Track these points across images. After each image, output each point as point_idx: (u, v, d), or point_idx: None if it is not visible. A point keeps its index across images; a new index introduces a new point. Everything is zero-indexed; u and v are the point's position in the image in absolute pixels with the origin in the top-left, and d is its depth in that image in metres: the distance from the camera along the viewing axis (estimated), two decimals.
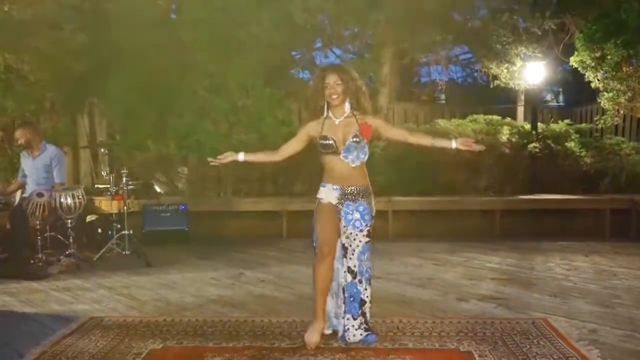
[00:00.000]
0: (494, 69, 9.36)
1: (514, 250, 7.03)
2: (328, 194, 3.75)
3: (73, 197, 6.21)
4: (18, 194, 6.89)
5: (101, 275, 5.94)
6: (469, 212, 8.13)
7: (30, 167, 6.59)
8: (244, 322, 4.27)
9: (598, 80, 8.26)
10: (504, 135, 8.84)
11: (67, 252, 6.26)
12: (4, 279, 5.73)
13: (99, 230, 7.29)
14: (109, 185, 6.94)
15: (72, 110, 9.12)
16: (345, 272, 3.75)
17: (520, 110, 10.25)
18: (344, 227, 3.72)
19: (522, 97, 10.13)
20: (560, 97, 13.60)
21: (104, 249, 6.57)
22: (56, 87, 8.60)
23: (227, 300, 4.97)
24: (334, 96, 3.66)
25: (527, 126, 9.35)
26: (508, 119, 9.42)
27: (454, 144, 3.78)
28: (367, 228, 3.75)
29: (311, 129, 3.78)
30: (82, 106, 9.28)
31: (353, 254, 3.72)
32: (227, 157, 3.87)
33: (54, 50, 7.73)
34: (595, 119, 9.28)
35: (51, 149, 6.66)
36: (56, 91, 8.66)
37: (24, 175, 6.68)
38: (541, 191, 8.56)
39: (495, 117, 9.31)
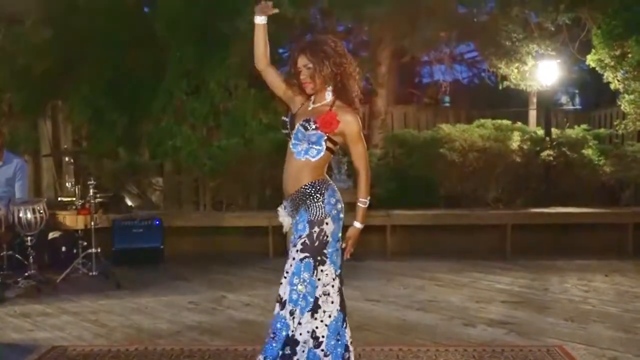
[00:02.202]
0: (503, 68, 9.40)
1: (527, 269, 7.04)
2: (284, 218, 3.38)
3: (33, 211, 6.16)
4: None
5: (65, 299, 5.89)
6: (477, 227, 8.15)
7: None
8: (226, 352, 4.25)
9: (618, 81, 8.31)
10: (515, 141, 8.87)
11: (26, 274, 6.21)
12: None
13: (63, 249, 7.24)
14: (74, 198, 6.91)
15: (33, 114, 9.09)
16: (275, 300, 3.29)
17: (533, 114, 10.29)
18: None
19: (535, 100, 10.18)
20: (577, 100, 13.68)
21: (68, 270, 6.52)
22: (15, 87, 8.58)
23: (206, 326, 4.95)
24: (305, 83, 3.24)
25: (540, 132, 9.40)
26: (519, 124, 9.46)
27: (358, 225, 3.36)
28: (301, 240, 3.19)
29: (293, 98, 3.39)
30: (45, 109, 9.26)
31: (285, 278, 3.22)
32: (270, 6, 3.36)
33: (12, 47, 7.71)
34: (615, 123, 9.33)
35: (15, 160, 6.65)
36: (15, 92, 8.64)
37: None
38: (556, 204, 8.59)
39: (505, 122, 9.35)
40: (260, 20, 3.37)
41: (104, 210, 7.30)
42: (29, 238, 6.19)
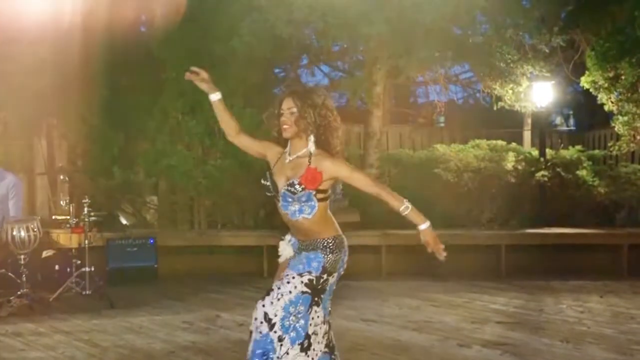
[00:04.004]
0: (497, 89, 9.47)
1: (522, 290, 7.04)
2: (285, 248, 3.39)
3: (27, 229, 6.15)
4: None
5: (58, 318, 5.86)
6: (471, 247, 8.15)
7: None
8: None
9: (612, 102, 8.39)
10: (510, 162, 8.92)
11: (19, 292, 6.16)
12: None
13: (56, 267, 7.20)
14: (68, 217, 6.88)
15: (28, 132, 9.09)
16: (261, 320, 3.15)
17: (527, 135, 10.36)
18: (286, 269, 3.27)
19: (529, 121, 10.25)
20: (571, 121, 13.77)
21: (61, 289, 6.49)
22: (10, 106, 8.58)
23: (201, 346, 4.93)
24: (285, 126, 3.19)
25: (535, 152, 9.45)
26: (514, 145, 9.52)
27: (423, 226, 3.40)
28: (310, 276, 3.17)
29: (270, 151, 3.35)
30: (40, 128, 9.26)
31: (278, 300, 3.14)
32: (204, 77, 3.40)
33: (8, 66, 7.73)
34: (609, 145, 9.40)
35: (10, 178, 6.63)
36: (10, 110, 8.64)
37: None
38: (551, 224, 8.62)
39: (500, 143, 9.41)
40: (213, 97, 3.44)
41: (98, 229, 7.27)
42: (22, 256, 6.16)
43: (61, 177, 8.13)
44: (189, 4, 8.89)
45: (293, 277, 3.16)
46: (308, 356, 3.16)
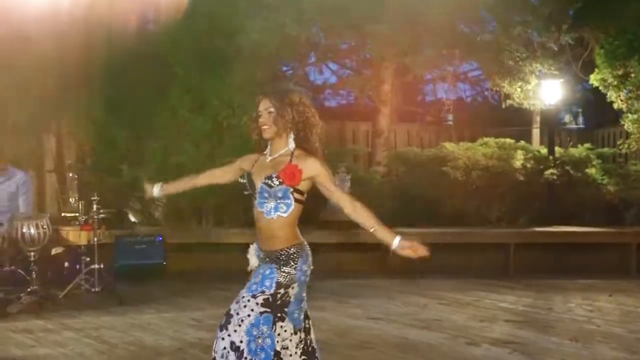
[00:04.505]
0: (506, 87, 9.45)
1: (530, 288, 7.03)
2: (252, 257, 3.32)
3: (37, 227, 6.18)
4: None
5: (67, 315, 5.89)
6: (480, 245, 8.14)
7: None
8: None
9: (621, 100, 8.36)
10: (518, 160, 8.89)
11: (28, 289, 6.20)
12: None
13: (66, 264, 7.23)
14: (77, 214, 6.92)
15: (37, 130, 9.13)
16: (227, 349, 3.07)
17: (536, 133, 10.33)
18: (242, 290, 3.18)
19: (538, 119, 10.21)
20: (580, 119, 13.72)
21: (70, 285, 6.52)
22: (19, 103, 8.62)
23: (209, 343, 4.90)
24: (264, 126, 3.16)
25: (544, 151, 9.42)
26: (522, 143, 9.50)
27: (396, 242, 3.29)
28: (264, 296, 3.10)
29: (246, 161, 3.32)
30: (49, 125, 9.29)
31: (240, 326, 3.07)
32: (146, 192, 3.61)
33: (17, 63, 7.76)
34: (618, 143, 9.36)
35: (20, 175, 6.67)
36: (19, 108, 8.67)
37: None
38: (559, 223, 8.59)
39: (508, 141, 9.38)
40: (157, 191, 3.68)
41: (106, 226, 7.30)
42: (32, 253, 6.20)
43: (70, 174, 8.19)
44: (196, 1, 8.91)
45: (248, 300, 3.10)
46: None
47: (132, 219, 8.78)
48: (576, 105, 12.71)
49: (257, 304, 3.09)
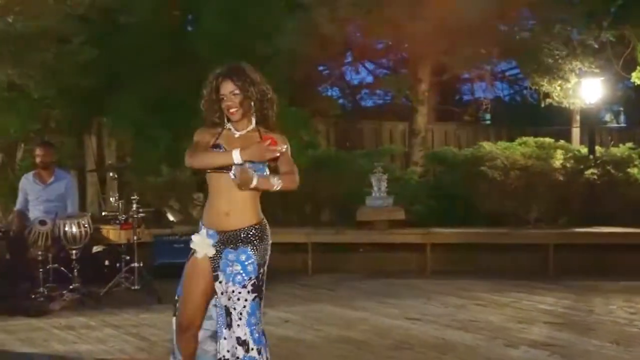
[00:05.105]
0: (545, 86, 9.33)
1: (570, 290, 6.92)
2: (201, 243, 3.21)
3: (78, 225, 6.30)
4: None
5: (108, 312, 5.99)
6: (518, 246, 8.05)
7: (40, 194, 6.74)
8: None
9: None
10: (558, 160, 8.77)
11: (70, 287, 6.33)
12: (1, 314, 5.82)
13: (106, 263, 7.35)
14: (117, 213, 7.03)
15: (78, 130, 9.31)
16: (234, 346, 3.12)
17: (576, 132, 10.17)
18: (226, 284, 3.14)
19: (578, 118, 10.06)
20: (621, 118, 13.49)
21: (111, 283, 6.61)
22: (62, 104, 8.80)
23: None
24: (232, 110, 3.13)
25: (584, 150, 9.28)
26: (562, 142, 9.36)
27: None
28: (252, 281, 3.15)
29: (206, 134, 3.26)
30: (90, 126, 9.47)
31: (240, 320, 3.11)
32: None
33: (60, 65, 7.92)
34: None
35: (67, 177, 6.85)
36: (62, 109, 8.86)
37: (25, 202, 6.80)
38: (600, 223, 8.44)
39: (548, 140, 9.25)
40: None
41: (146, 225, 7.40)
42: (74, 252, 6.32)
43: (110, 174, 8.32)
44: (233, 2, 8.99)
45: (239, 292, 3.12)
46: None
47: (171, 218, 8.89)
48: (617, 103, 12.49)
49: (248, 292, 3.14)
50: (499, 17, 9.18)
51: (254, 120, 3.21)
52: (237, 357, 3.11)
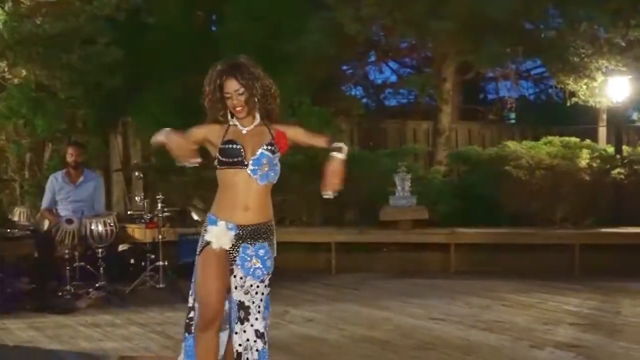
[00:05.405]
0: (571, 84, 9.24)
1: (596, 291, 6.84)
2: (220, 235, 3.16)
3: (104, 224, 6.38)
4: (46, 221, 7.09)
5: (133, 310, 6.05)
6: (543, 246, 7.98)
7: (69, 194, 6.83)
8: None
9: None
10: (584, 159, 8.67)
11: (96, 285, 6.41)
12: (29, 311, 5.91)
13: (132, 261, 7.42)
14: (142, 212, 7.10)
15: (104, 130, 9.41)
16: (252, 339, 3.12)
17: (602, 132, 10.06)
18: (241, 278, 3.12)
19: (604, 117, 9.95)
20: None
21: (136, 282, 6.68)
22: (88, 104, 8.90)
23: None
24: (238, 108, 3.13)
25: (610, 149, 9.16)
26: (588, 141, 9.25)
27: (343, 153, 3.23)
28: (269, 276, 3.18)
29: (211, 131, 3.25)
30: (116, 125, 9.56)
31: (259, 313, 3.14)
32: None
33: (86, 66, 8.01)
34: None
35: (96, 178, 6.95)
36: (88, 109, 8.96)
37: (52, 201, 6.88)
38: (627, 223, 8.33)
39: (573, 139, 9.16)
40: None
41: (170, 224, 7.46)
42: (99, 250, 6.40)
43: (136, 173, 8.40)
44: (257, 2, 9.02)
45: (257, 286, 3.13)
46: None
47: (195, 217, 8.92)
48: None
49: (265, 286, 3.16)
50: (525, 15, 9.11)
51: (257, 115, 3.21)
52: (257, 350, 3.13)
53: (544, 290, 6.87)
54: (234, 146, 3.13)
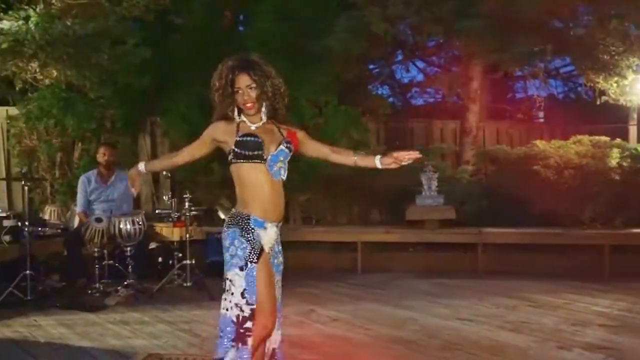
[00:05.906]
0: (601, 83, 9.11)
1: (626, 292, 6.74)
2: (272, 240, 3.27)
3: (133, 223, 6.45)
4: (76, 219, 7.20)
5: (161, 308, 6.11)
6: (572, 247, 7.89)
7: (101, 194, 6.93)
8: None
9: None
10: (614, 159, 8.55)
11: (125, 282, 6.49)
12: (60, 309, 6.00)
13: (159, 259, 7.50)
14: (170, 211, 7.16)
15: (133, 130, 9.50)
16: (279, 331, 3.42)
17: (633, 130, 9.91)
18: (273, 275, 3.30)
19: (635, 115, 9.80)
20: None
21: (164, 280, 6.75)
22: (117, 104, 9.00)
23: (295, 339, 5.00)
24: (249, 104, 3.14)
25: None
26: (618, 140, 9.13)
27: (378, 163, 3.29)
28: (281, 267, 3.41)
29: (219, 130, 3.23)
30: (144, 125, 9.66)
31: (280, 307, 3.40)
32: (133, 176, 3.65)
33: (115, 66, 8.11)
34: None
35: (127, 178, 6.99)
36: (117, 109, 9.06)
37: (86, 201, 6.97)
38: None
39: (603, 138, 9.04)
40: (142, 167, 3.66)
41: (198, 223, 7.52)
42: (128, 248, 6.47)
43: (164, 173, 8.48)
44: (284, 2, 9.04)
45: (279, 280, 3.37)
46: None
47: (222, 216, 8.98)
48: None
49: (278, 279, 3.34)
50: (553, 13, 9.01)
51: (264, 114, 3.22)
52: (282, 342, 3.38)
53: (572, 291, 6.80)
54: (255, 139, 3.13)
